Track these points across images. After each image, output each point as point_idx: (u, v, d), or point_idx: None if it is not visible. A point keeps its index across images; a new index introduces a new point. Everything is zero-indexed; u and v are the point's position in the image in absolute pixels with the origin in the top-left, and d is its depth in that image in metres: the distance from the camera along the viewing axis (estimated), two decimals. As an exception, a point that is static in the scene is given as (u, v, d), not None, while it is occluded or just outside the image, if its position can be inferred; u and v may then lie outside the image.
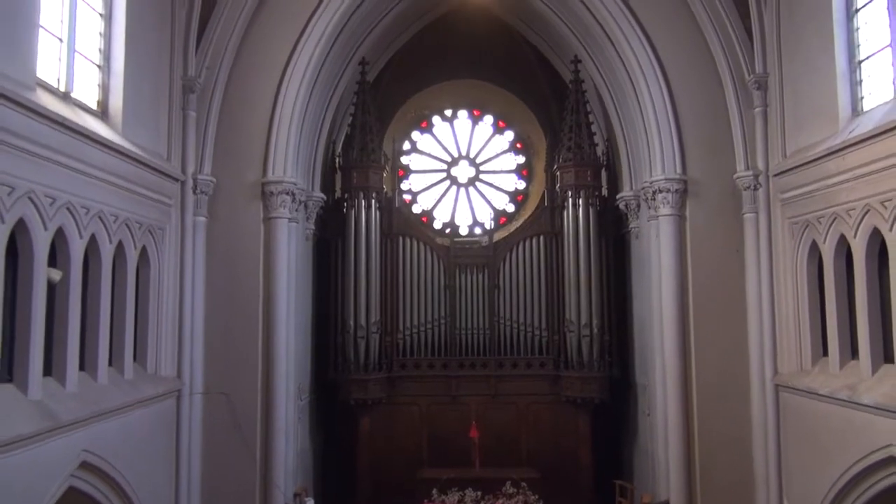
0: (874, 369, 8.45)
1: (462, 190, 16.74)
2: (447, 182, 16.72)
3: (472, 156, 16.79)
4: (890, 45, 8.42)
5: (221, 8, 10.96)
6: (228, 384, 10.85)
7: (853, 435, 8.51)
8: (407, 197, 16.40)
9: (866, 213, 8.44)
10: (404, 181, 16.43)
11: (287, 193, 11.25)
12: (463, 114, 16.84)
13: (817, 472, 9.27)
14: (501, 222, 16.51)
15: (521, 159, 16.78)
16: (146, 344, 9.79)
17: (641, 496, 11.76)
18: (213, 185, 11.02)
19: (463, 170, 16.76)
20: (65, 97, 8.14)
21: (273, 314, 11.10)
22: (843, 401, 8.67)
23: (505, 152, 16.83)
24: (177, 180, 10.56)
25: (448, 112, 16.80)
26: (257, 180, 11.24)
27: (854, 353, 8.98)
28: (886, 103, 8.41)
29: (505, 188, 16.77)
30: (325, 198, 13.17)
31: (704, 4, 11.07)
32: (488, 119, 16.82)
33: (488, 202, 16.74)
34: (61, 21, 8.16)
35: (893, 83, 8.34)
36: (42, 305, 7.28)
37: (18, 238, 7.04)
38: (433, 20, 14.66)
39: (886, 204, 8.05)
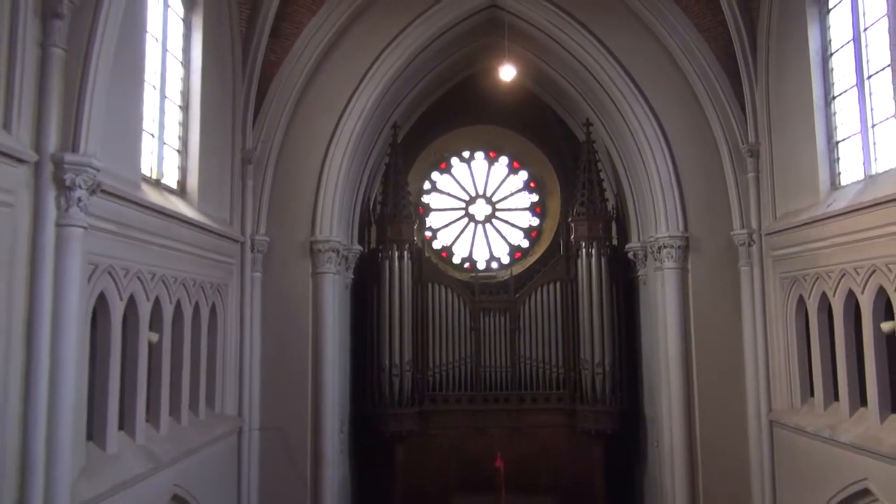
0: (851, 412, 9.67)
1: (479, 226, 17.96)
2: (465, 219, 17.95)
3: (488, 194, 18.01)
4: (860, 133, 9.77)
5: (274, 88, 12.40)
6: (282, 420, 12.14)
7: (835, 468, 9.69)
8: (427, 233, 17.61)
9: (843, 276, 9.70)
10: (425, 219, 17.64)
11: (332, 251, 12.62)
12: (479, 155, 18.07)
13: (806, 499, 10.43)
14: (517, 257, 17.74)
15: (535, 197, 17.99)
16: (214, 387, 11.12)
17: (651, 520, 13.00)
18: (267, 244, 12.39)
19: (480, 207, 17.99)
20: (157, 184, 9.57)
21: (321, 358, 12.39)
22: (826, 438, 9.87)
23: (519, 191, 18.03)
24: (237, 241, 11.93)
25: (466, 154, 18.04)
26: (306, 239, 12.61)
27: (836, 395, 10.17)
28: (858, 183, 9.73)
29: (520, 225, 17.97)
30: (362, 249, 14.52)
31: (702, 80, 12.42)
32: (503, 160, 18.03)
33: (504, 238, 17.96)
34: (153, 119, 9.61)
35: (864, 165, 9.67)
36: (145, 364, 8.67)
37: (127, 309, 8.44)
38: (458, 81, 15.99)
39: (858, 270, 9.32)
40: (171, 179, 10.21)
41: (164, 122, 9.90)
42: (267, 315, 12.28)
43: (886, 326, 8.82)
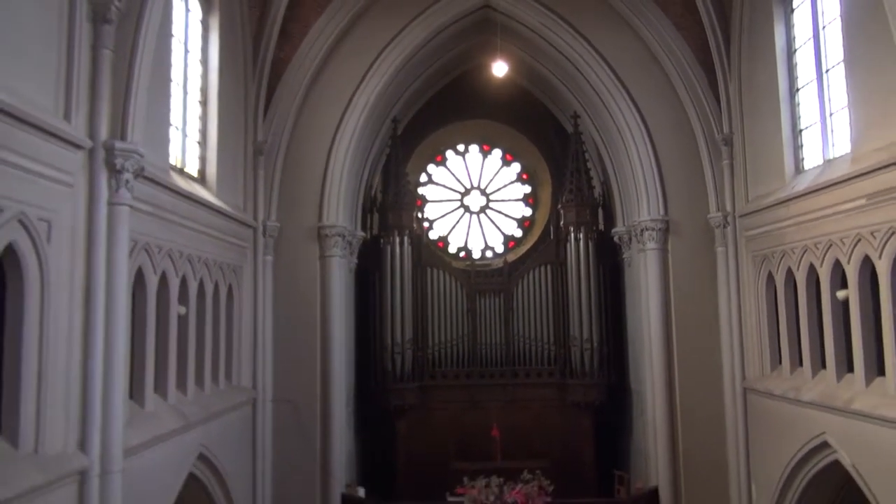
0: (813, 374, 10.65)
1: (474, 217, 18.79)
2: (461, 210, 18.76)
3: (482, 186, 18.81)
4: (819, 122, 10.77)
5: (284, 84, 13.30)
6: (293, 393, 13.05)
7: (799, 426, 10.64)
8: (424, 224, 18.38)
9: (805, 251, 10.68)
10: (423, 209, 18.41)
11: (339, 235, 13.56)
12: (474, 148, 18.83)
13: (775, 457, 11.35)
14: (510, 246, 18.54)
15: (527, 189, 18.78)
16: (231, 361, 12.00)
17: (635, 483, 13.99)
18: (277, 229, 13.29)
19: (475, 199, 18.80)
20: (181, 172, 10.50)
21: (329, 336, 13.31)
22: (791, 399, 10.84)
23: (512, 183, 18.83)
24: (250, 227, 12.82)
25: (461, 147, 18.81)
26: (314, 225, 13.53)
27: (801, 361, 11.15)
28: (817, 167, 10.73)
29: (513, 215, 18.77)
30: (365, 236, 15.46)
31: (680, 74, 13.39)
32: (497, 153, 18.82)
33: (498, 228, 18.78)
34: (177, 113, 10.52)
35: (822, 152, 10.67)
36: (175, 335, 9.61)
37: (159, 284, 9.35)
38: (454, 77, 16.89)
39: (818, 245, 10.30)
40: (192, 168, 11.12)
41: (187, 116, 10.81)
42: (278, 295, 13.18)
43: (841, 294, 9.80)
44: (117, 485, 7.22)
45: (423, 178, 18.73)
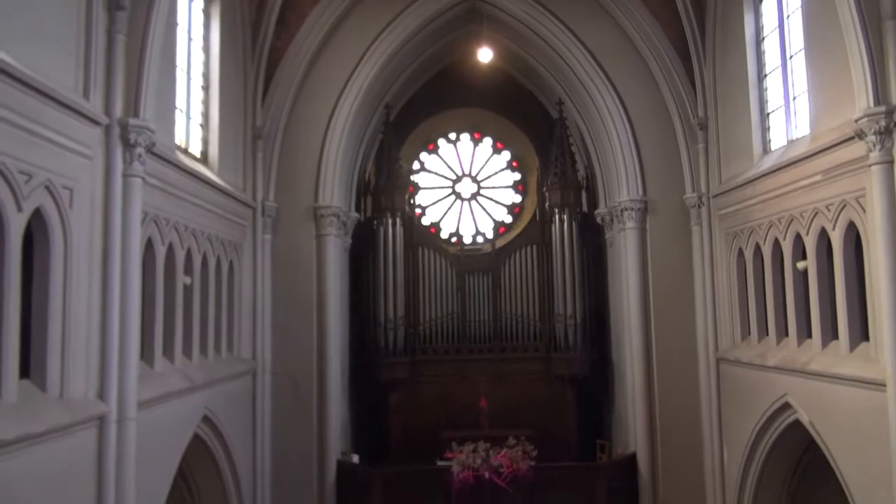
0: (778, 341, 11.39)
1: (465, 203, 19.42)
2: (452, 197, 19.38)
3: (473, 173, 19.42)
4: (784, 105, 11.50)
5: (281, 71, 13.92)
6: (290, 365, 13.71)
7: (763, 390, 11.41)
8: (417, 211, 18.85)
9: (770, 226, 11.43)
10: (414, 196, 18.90)
11: (334, 216, 14.23)
12: (465, 137, 19.43)
13: (744, 421, 12.11)
14: (501, 231, 19.13)
15: (517, 176, 19.41)
16: (232, 333, 12.66)
17: (615, 450, 14.75)
18: (275, 209, 13.93)
19: (466, 186, 19.40)
20: (185, 152, 11.16)
21: (325, 312, 13.98)
22: (757, 365, 11.61)
23: (502, 170, 19.44)
24: (250, 207, 13.47)
25: (452, 135, 19.42)
26: (310, 206, 14.19)
27: (768, 330, 11.90)
28: (781, 148, 11.47)
29: (503, 201, 19.39)
30: (359, 217, 16.14)
31: (658, 62, 14.07)
32: (487, 141, 19.42)
33: (489, 214, 19.42)
34: (182, 97, 11.18)
35: (786, 133, 11.41)
36: (181, 303, 10.30)
37: (166, 254, 10.04)
38: (444, 66, 17.55)
39: (781, 220, 11.04)
40: (195, 149, 11.78)
41: (190, 99, 11.48)
42: (276, 272, 13.79)
43: (801, 265, 10.55)
44: (132, 431, 7.93)
45: (416, 165, 19.31)
